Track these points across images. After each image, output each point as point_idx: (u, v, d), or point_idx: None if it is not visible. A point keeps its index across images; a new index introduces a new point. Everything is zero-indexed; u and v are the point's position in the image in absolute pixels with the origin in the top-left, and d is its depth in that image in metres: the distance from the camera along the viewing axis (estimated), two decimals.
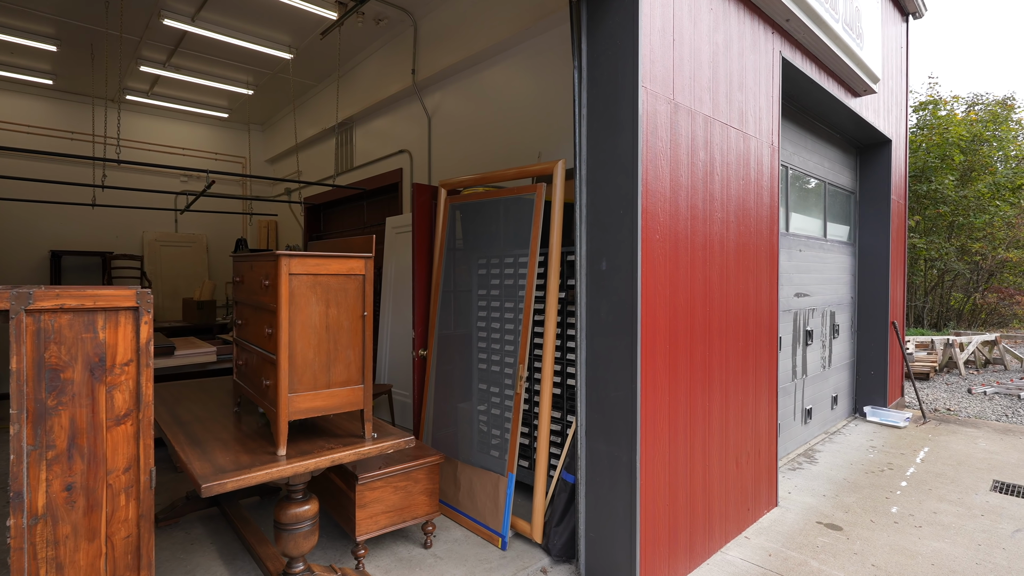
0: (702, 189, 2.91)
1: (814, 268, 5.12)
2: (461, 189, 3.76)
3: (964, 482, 4.08)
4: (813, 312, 5.07)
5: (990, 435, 5.27)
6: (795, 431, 4.80)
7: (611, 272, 2.56)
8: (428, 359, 3.75)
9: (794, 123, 4.77)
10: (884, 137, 5.76)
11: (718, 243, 3.04)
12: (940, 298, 15.62)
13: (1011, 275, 14.98)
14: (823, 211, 5.40)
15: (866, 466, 4.44)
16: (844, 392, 5.84)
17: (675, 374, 2.71)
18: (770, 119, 3.56)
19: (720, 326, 3.07)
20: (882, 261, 5.93)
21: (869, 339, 6.00)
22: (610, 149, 2.56)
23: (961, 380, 8.16)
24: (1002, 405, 6.55)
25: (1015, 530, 3.31)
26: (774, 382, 3.68)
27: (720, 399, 3.08)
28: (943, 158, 13.94)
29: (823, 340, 5.29)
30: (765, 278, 3.54)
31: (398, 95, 5.73)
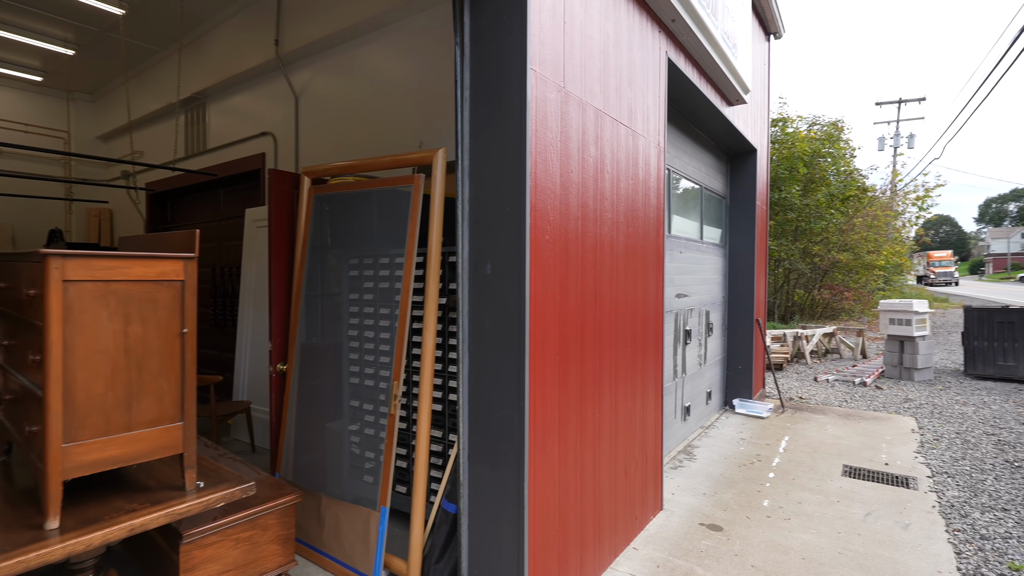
0: (593, 187, 2.73)
1: (693, 269, 5.29)
2: (328, 178, 3.27)
3: (820, 469, 4.40)
4: (692, 312, 5.24)
5: (836, 421, 5.83)
6: (676, 429, 4.91)
7: (496, 276, 2.28)
8: (288, 375, 3.22)
9: (676, 127, 4.85)
10: (751, 146, 6.13)
11: (608, 245, 2.89)
12: (787, 295, 17.61)
13: (841, 274, 17.27)
14: (700, 214, 5.61)
15: (738, 459, 4.64)
16: (716, 387, 6.16)
17: (565, 387, 2.50)
18: (657, 119, 3.51)
19: (610, 332, 2.93)
20: (748, 262, 6.33)
21: (738, 336, 6.39)
22: (496, 138, 2.27)
23: (808, 369, 9.11)
24: (842, 391, 7.36)
25: (866, 514, 3.57)
26: (660, 385, 3.66)
27: (610, 409, 2.94)
28: (791, 170, 15.65)
29: (700, 339, 5.50)
30: (652, 280, 3.49)
31: (259, 69, 5.00)
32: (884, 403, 6.67)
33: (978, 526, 3.40)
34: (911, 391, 7.27)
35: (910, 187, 18.78)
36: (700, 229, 5.60)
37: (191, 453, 1.79)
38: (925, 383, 7.77)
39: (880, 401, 6.77)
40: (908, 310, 7.95)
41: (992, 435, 5.28)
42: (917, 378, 7.94)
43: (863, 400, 6.85)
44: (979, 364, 7.99)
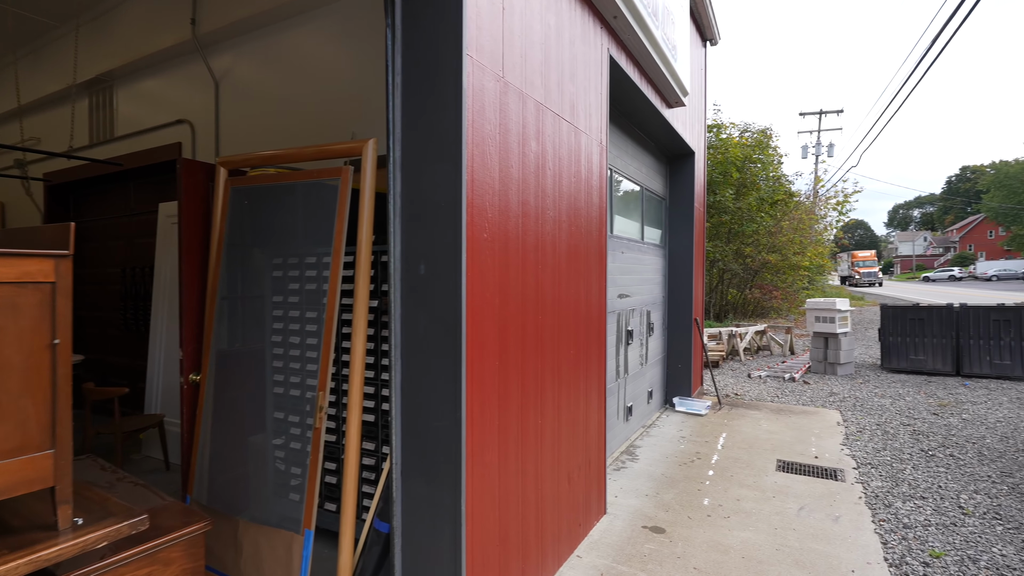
0: (534, 184, 2.61)
1: (634, 270, 5.31)
2: (248, 170, 2.99)
3: (756, 465, 4.50)
4: (633, 312, 5.25)
5: (769, 416, 6.03)
6: (619, 429, 4.90)
7: (431, 277, 2.11)
8: (202, 386, 2.91)
9: (618, 128, 4.84)
10: (689, 148, 6.25)
11: (550, 244, 2.79)
12: (721, 294, 18.35)
13: (770, 274, 18.17)
14: (641, 215, 5.65)
15: (679, 458, 4.68)
16: (657, 386, 6.23)
17: (506, 394, 2.37)
18: (599, 117, 3.44)
19: (553, 335, 2.83)
20: (687, 263, 6.45)
21: (677, 335, 6.50)
22: (430, 128, 2.11)
23: (742, 366, 9.45)
24: (774, 387, 7.66)
25: (800, 508, 3.66)
26: (603, 387, 3.60)
27: (553, 415, 2.84)
28: (724, 174, 16.29)
29: (641, 339, 5.53)
30: (595, 281, 3.42)
31: (175, 51, 4.58)
32: (812, 397, 6.98)
33: (901, 515, 3.55)
34: (835, 385, 7.67)
35: (831, 193, 20.03)
36: (641, 230, 5.64)
37: (65, 486, 1.52)
38: (847, 377, 8.22)
39: (808, 395, 7.09)
40: (832, 308, 8.39)
41: (908, 425, 5.61)
42: (840, 372, 8.39)
43: (793, 395, 7.14)
44: (894, 358, 8.54)
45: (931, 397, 6.86)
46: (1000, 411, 6.08)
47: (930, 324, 8.25)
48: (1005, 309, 7.79)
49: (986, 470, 4.32)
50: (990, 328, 7.84)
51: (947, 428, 5.48)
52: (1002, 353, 7.75)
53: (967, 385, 7.44)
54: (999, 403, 6.43)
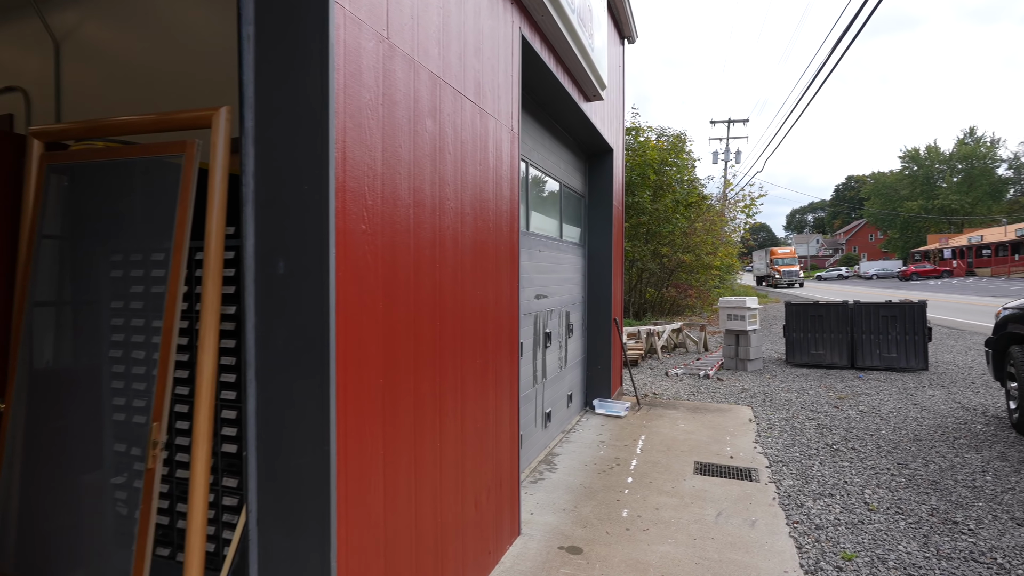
0: (431, 170, 2.25)
1: (552, 269, 5.08)
2: (71, 143, 2.40)
3: (675, 468, 4.40)
4: (552, 313, 5.02)
5: (686, 415, 6.03)
6: (536, 437, 4.64)
7: (292, 277, 1.69)
8: (5, 416, 2.29)
9: (534, 119, 4.58)
10: (608, 145, 6.13)
11: (452, 239, 2.43)
12: (640, 293, 18.85)
13: (685, 274, 18.90)
14: (559, 212, 5.43)
15: (598, 465, 4.49)
16: (577, 389, 6.06)
17: (394, 417, 1.99)
18: (510, 101, 3.14)
19: (455, 343, 2.48)
20: (606, 262, 6.34)
21: (597, 336, 6.37)
22: (290, 91, 1.69)
23: (660, 364, 9.59)
24: (690, 384, 7.77)
25: (717, 514, 3.55)
26: (516, 397, 3.30)
27: (456, 434, 2.49)
28: (643, 176, 16.71)
29: (560, 341, 5.31)
30: (506, 281, 3.11)
31: (1, 4, 3.76)
32: (725, 394, 7.12)
33: (812, 515, 3.53)
34: (746, 381, 7.90)
35: (739, 196, 21.19)
36: (559, 227, 5.43)
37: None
38: (757, 372, 8.53)
39: (722, 392, 7.23)
40: (743, 307, 8.68)
41: (813, 419, 5.80)
42: (750, 368, 8.70)
43: (708, 392, 7.26)
44: (797, 353, 8.97)
45: (831, 390, 7.21)
46: (891, 402, 6.46)
47: (829, 321, 8.73)
48: (892, 306, 8.38)
49: (884, 462, 4.47)
50: (879, 323, 8.41)
51: (847, 421, 5.71)
52: (889, 347, 8.34)
53: (861, 377, 7.92)
54: (889, 394, 6.85)
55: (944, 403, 6.34)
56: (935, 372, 8.13)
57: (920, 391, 6.98)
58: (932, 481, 4.02)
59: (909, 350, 8.22)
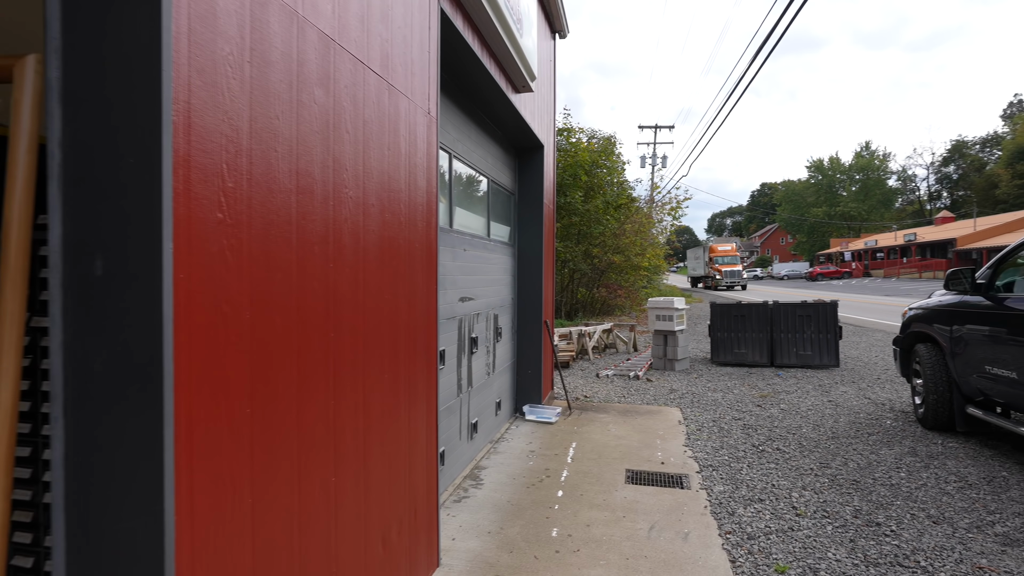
0: (322, 150, 1.87)
1: (480, 269, 4.77)
2: None
3: (606, 478, 4.21)
4: (479, 317, 4.71)
5: (617, 419, 5.92)
6: (461, 451, 4.31)
7: (113, 281, 1.27)
8: None
9: (458, 107, 4.25)
10: (539, 141, 5.90)
11: (351, 235, 2.06)
12: (571, 293, 18.97)
13: (615, 274, 19.22)
14: (487, 209, 5.13)
15: (528, 477, 4.23)
16: (506, 395, 5.79)
17: (268, 455, 1.60)
18: (426, 80, 2.79)
19: (355, 356, 2.10)
20: (537, 262, 6.11)
21: (527, 339, 6.13)
22: (108, 29, 1.27)
23: (591, 365, 9.54)
24: (620, 386, 7.72)
25: (650, 528, 3.38)
26: (434, 412, 2.96)
27: (357, 464, 2.11)
28: (574, 177, 16.78)
29: (488, 346, 5.01)
30: (422, 283, 2.76)
31: None
32: (655, 395, 7.11)
33: (744, 523, 3.44)
34: (674, 381, 7.96)
35: (666, 199, 21.86)
36: (487, 226, 5.13)
37: None
38: (684, 372, 8.64)
39: (652, 394, 7.21)
40: (671, 307, 8.76)
41: (739, 420, 5.85)
42: (678, 368, 8.80)
43: (638, 394, 7.22)
44: (722, 352, 9.19)
45: (754, 389, 7.38)
46: (809, 399, 6.67)
47: (751, 320, 9.00)
48: (807, 306, 8.76)
49: (808, 462, 4.52)
50: (796, 323, 8.77)
51: (770, 420, 5.80)
52: (805, 345, 8.70)
53: (780, 375, 8.19)
54: (806, 392, 7.10)
55: (856, 399, 6.63)
56: (845, 369, 8.56)
57: (834, 388, 7.28)
58: (853, 480, 4.07)
59: (823, 348, 8.61)
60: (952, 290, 4.73)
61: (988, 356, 4.34)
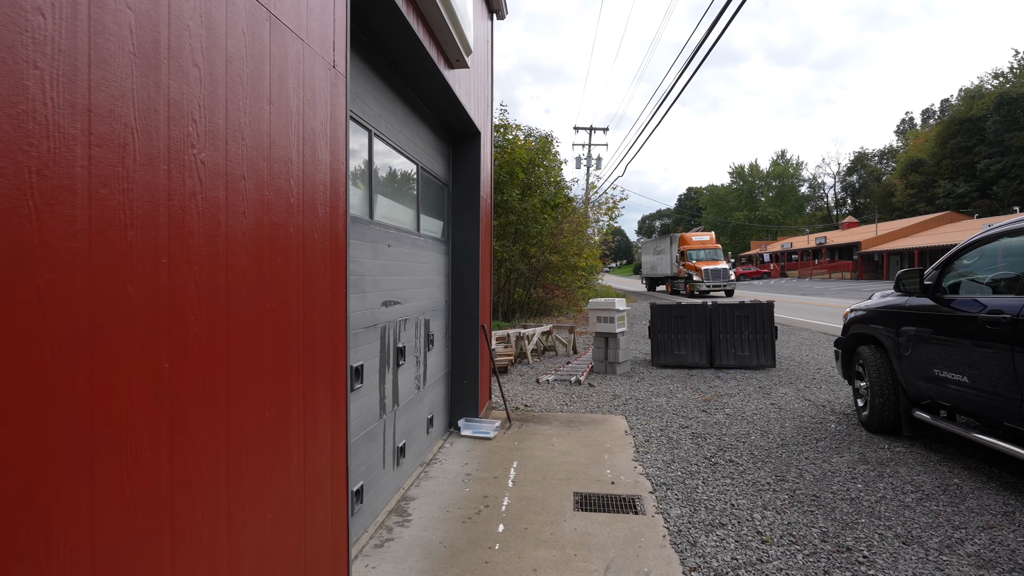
0: (143, 83, 1.22)
1: (407, 268, 4.15)
2: None
3: (552, 505, 3.72)
4: (406, 323, 4.08)
5: (561, 431, 5.46)
6: (386, 481, 3.68)
7: None
8: None
9: (382, 79, 3.61)
10: (475, 128, 5.34)
11: (204, 216, 1.42)
12: (509, 293, 18.54)
13: (552, 274, 18.99)
14: (417, 200, 4.51)
15: (464, 508, 3.66)
16: (439, 409, 5.18)
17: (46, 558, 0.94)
18: (329, 21, 2.16)
19: (207, 395, 1.46)
20: (474, 261, 5.55)
21: (463, 346, 5.55)
22: None
23: (531, 369, 9.09)
24: (562, 392, 7.30)
25: (605, 569, 2.91)
26: (343, 447, 2.33)
27: (212, 552, 1.47)
28: (511, 174, 16.35)
29: (417, 356, 4.40)
30: (325, 285, 2.13)
31: None
32: (598, 402, 6.74)
33: (708, 556, 3.04)
34: (617, 386, 7.65)
35: (602, 199, 21.91)
36: (416, 219, 4.51)
37: None
38: (625, 376, 8.36)
39: (595, 400, 6.84)
40: (612, 309, 8.47)
41: (686, 427, 5.56)
42: (619, 371, 8.52)
43: (580, 401, 6.82)
44: (662, 354, 9.02)
45: (696, 392, 7.19)
46: (752, 403, 6.53)
47: (690, 321, 8.88)
48: (744, 306, 8.74)
49: (763, 475, 4.24)
50: (734, 323, 8.72)
51: (718, 427, 5.55)
52: (743, 346, 8.68)
53: (720, 377, 8.09)
54: (748, 395, 6.97)
55: (796, 401, 6.55)
56: (781, 369, 8.61)
57: (774, 389, 7.22)
58: (812, 496, 3.81)
59: (759, 349, 8.61)
60: (903, 291, 4.62)
61: (936, 359, 4.23)
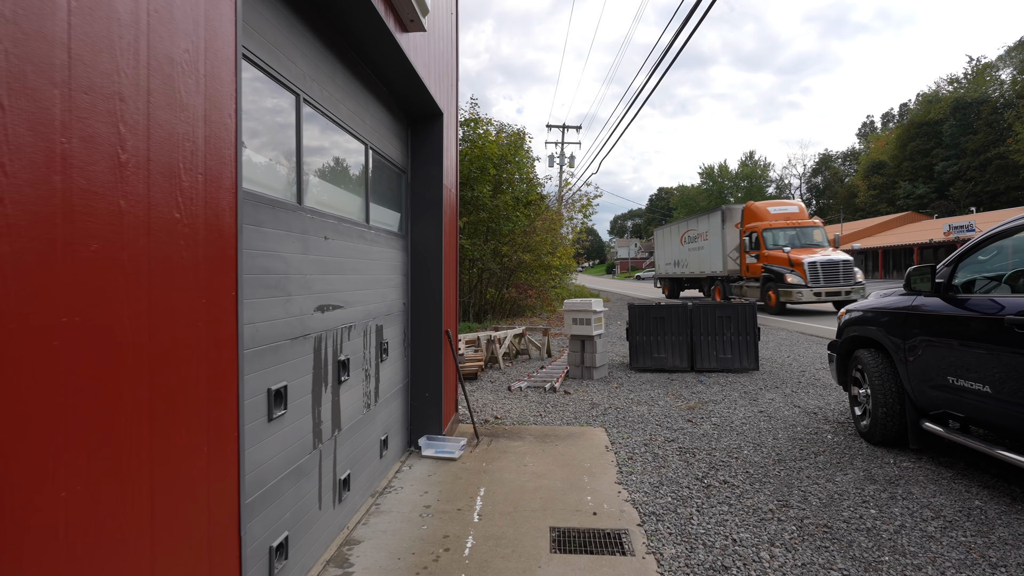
0: None
1: (353, 266, 3.50)
2: None
3: (525, 546, 3.13)
4: (351, 331, 3.43)
5: (534, 448, 4.88)
6: (323, 523, 3.03)
7: None
8: None
9: (316, 35, 2.96)
10: (436, 107, 4.72)
11: None
12: (481, 293, 17.90)
13: (525, 274, 18.43)
14: (366, 186, 3.87)
15: (419, 554, 3.04)
16: (396, 428, 4.54)
17: None
18: None
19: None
20: (436, 259, 4.92)
21: (424, 354, 4.92)
22: None
23: (502, 375, 8.49)
24: (536, 401, 6.72)
25: None
26: (231, 508, 1.69)
27: None
28: (482, 170, 15.72)
29: (367, 368, 3.75)
30: (197, 290, 1.49)
31: None
32: (575, 412, 6.19)
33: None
34: (594, 393, 7.12)
35: (577, 195, 21.44)
36: (365, 208, 3.86)
37: None
38: (603, 381, 7.84)
39: (571, 410, 6.28)
40: (588, 310, 7.94)
41: (672, 441, 5.05)
42: (596, 376, 8.00)
43: (556, 411, 6.26)
44: (641, 357, 8.53)
45: (679, 399, 6.71)
46: (739, 411, 6.07)
47: (670, 323, 8.42)
48: (726, 307, 8.32)
49: (763, 498, 3.74)
50: (716, 325, 8.30)
51: (706, 440, 5.05)
52: (725, 348, 8.26)
53: (703, 381, 7.64)
54: (734, 401, 6.52)
55: (785, 408, 6.12)
56: (765, 372, 8.22)
57: (760, 395, 6.79)
58: (824, 526, 3.32)
59: (742, 351, 8.21)
60: (914, 290, 4.19)
61: (950, 365, 3.80)
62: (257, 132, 2.40)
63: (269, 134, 2.54)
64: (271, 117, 2.55)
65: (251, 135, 2.33)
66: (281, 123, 2.64)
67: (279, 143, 2.62)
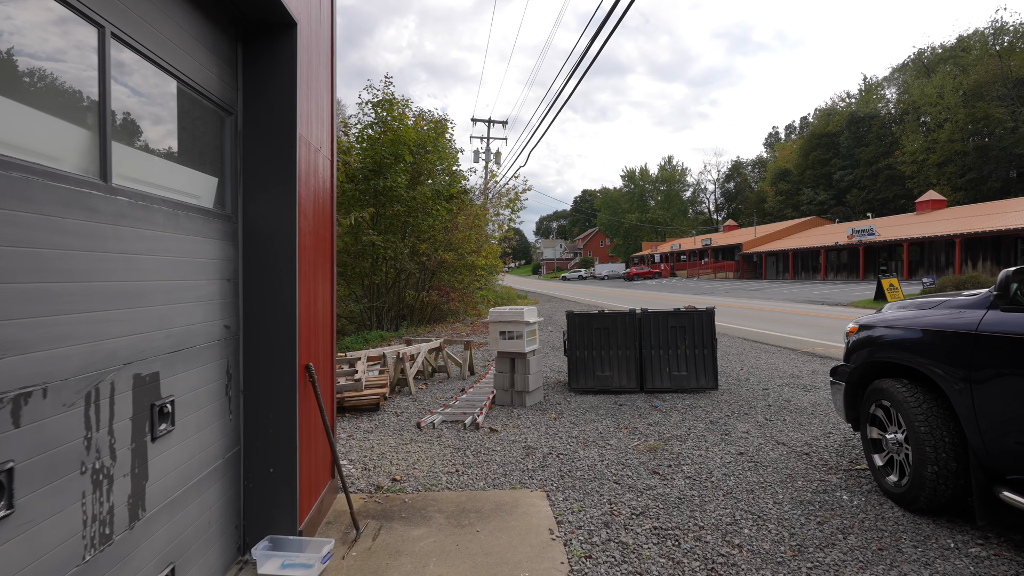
0: None
1: (68, 267, 1.66)
2: None
3: None
4: (45, 395, 1.59)
5: (444, 541, 3.22)
6: None
7: None
8: None
9: None
10: (288, 15, 2.92)
11: None
12: (398, 296, 15.90)
13: (447, 275, 16.65)
14: (109, 116, 2.02)
15: None
16: (206, 537, 2.68)
17: None
18: None
19: None
20: (286, 252, 3.11)
21: (266, 405, 3.09)
22: None
23: (413, 403, 6.73)
24: (451, 445, 5.05)
25: None
26: None
27: None
28: (396, 156, 13.80)
29: (101, 464, 1.91)
30: None
31: None
32: (503, 462, 4.58)
33: None
34: (528, 428, 5.55)
35: (504, 190, 19.93)
36: (106, 155, 2.01)
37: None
38: (538, 410, 6.30)
39: (498, 458, 4.67)
40: (519, 321, 6.37)
41: (642, 513, 3.58)
42: (529, 403, 6.44)
43: (478, 460, 4.63)
44: (582, 376, 7.09)
45: (634, 434, 5.29)
46: (713, 453, 4.73)
47: (615, 334, 7.04)
48: (681, 315, 7.06)
49: None
50: (669, 336, 7.01)
51: (687, 509, 3.62)
52: (679, 363, 6.99)
53: (658, 407, 6.29)
54: (702, 437, 5.19)
55: (768, 447, 4.86)
56: (724, 391, 7.03)
57: (730, 426, 5.51)
58: None
59: (699, 366, 6.97)
60: (1007, 304, 2.91)
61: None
62: None
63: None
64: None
65: None
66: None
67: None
